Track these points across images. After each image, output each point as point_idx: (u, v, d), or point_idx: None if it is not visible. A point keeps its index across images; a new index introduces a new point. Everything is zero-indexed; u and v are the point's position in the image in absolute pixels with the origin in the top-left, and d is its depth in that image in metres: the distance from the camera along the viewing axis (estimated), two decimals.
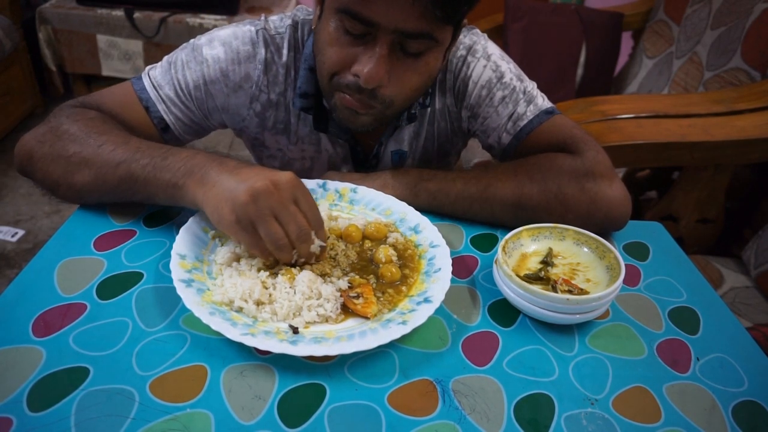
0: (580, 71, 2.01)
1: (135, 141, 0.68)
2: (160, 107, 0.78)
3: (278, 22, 0.82)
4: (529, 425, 0.52)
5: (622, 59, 2.05)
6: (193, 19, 2.43)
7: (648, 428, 0.53)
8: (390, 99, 0.71)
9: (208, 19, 2.45)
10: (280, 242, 0.59)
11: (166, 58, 0.80)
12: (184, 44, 0.81)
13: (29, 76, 2.53)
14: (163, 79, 0.78)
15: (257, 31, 0.80)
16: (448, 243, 0.69)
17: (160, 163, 0.64)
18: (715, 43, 1.59)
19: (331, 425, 0.50)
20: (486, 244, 0.76)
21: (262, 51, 0.80)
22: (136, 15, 2.43)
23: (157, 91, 0.78)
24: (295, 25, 0.82)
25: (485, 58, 0.83)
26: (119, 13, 2.44)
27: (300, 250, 0.61)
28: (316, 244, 0.62)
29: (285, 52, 0.81)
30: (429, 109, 0.87)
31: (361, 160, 0.90)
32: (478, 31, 0.86)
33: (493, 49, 0.85)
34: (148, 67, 0.80)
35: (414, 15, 0.63)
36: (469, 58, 0.83)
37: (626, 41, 2.03)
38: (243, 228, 0.58)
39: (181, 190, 0.63)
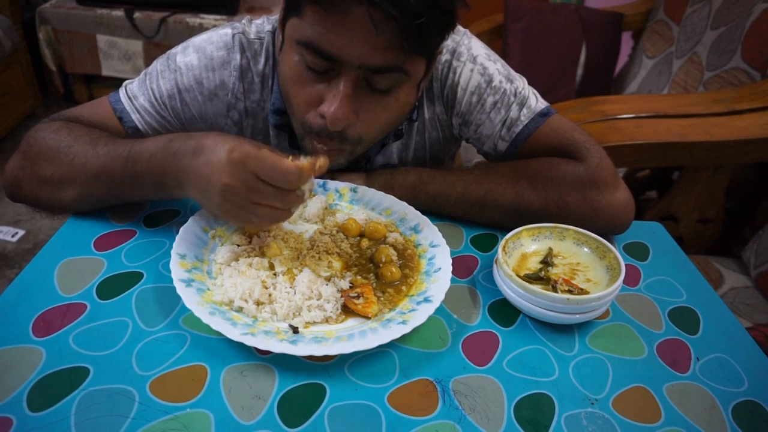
0: (580, 71, 2.01)
1: (101, 143, 0.67)
2: (134, 116, 0.76)
3: (260, 26, 0.78)
4: (529, 425, 0.52)
5: (622, 59, 2.05)
6: (193, 19, 2.43)
7: (648, 428, 0.53)
8: (358, 137, 0.69)
9: (208, 19, 2.45)
10: (277, 217, 0.60)
11: (143, 71, 0.79)
12: (160, 56, 0.79)
13: (29, 76, 2.53)
14: (138, 90, 0.77)
15: (234, 36, 0.76)
16: (448, 243, 0.69)
17: (131, 168, 0.64)
18: (715, 43, 1.59)
19: (331, 425, 0.50)
20: (486, 244, 0.76)
21: (237, 57, 0.76)
22: (136, 15, 2.43)
23: (132, 102, 0.76)
24: (274, 32, 0.78)
25: (471, 61, 0.79)
26: (119, 13, 2.44)
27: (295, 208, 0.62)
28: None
29: (262, 59, 0.77)
30: (417, 122, 0.84)
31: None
32: (460, 27, 0.80)
33: (478, 49, 0.80)
34: (125, 82, 0.79)
35: (379, 48, 0.59)
36: (455, 63, 0.79)
37: (626, 41, 2.03)
38: (241, 220, 0.61)
39: (167, 193, 0.65)
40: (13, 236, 1.95)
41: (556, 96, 1.87)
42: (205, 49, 0.76)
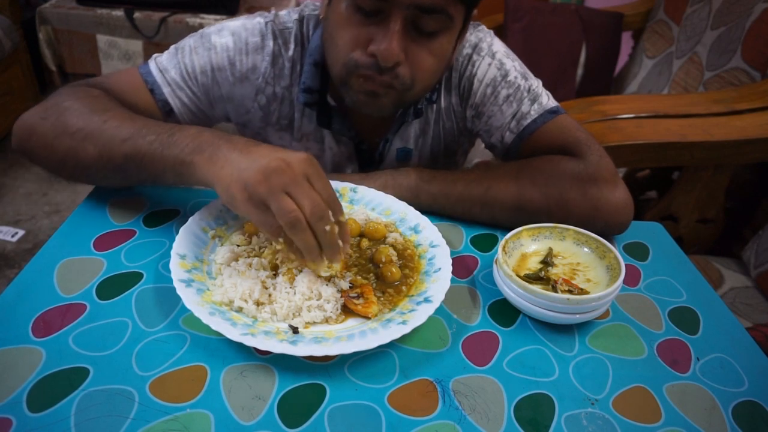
0: (580, 71, 2.01)
1: (140, 118, 0.67)
2: (165, 90, 0.78)
3: (286, 16, 0.83)
4: (529, 425, 0.52)
5: (622, 59, 2.05)
6: (193, 19, 2.43)
7: (648, 428, 0.53)
8: (409, 81, 0.71)
9: (208, 19, 2.45)
10: (291, 215, 0.54)
11: (173, 45, 0.81)
12: (192, 33, 0.81)
13: (29, 76, 2.53)
14: (169, 63, 0.79)
15: (266, 23, 0.81)
16: (448, 243, 0.69)
17: (166, 140, 0.63)
18: (715, 43, 1.59)
19: (331, 425, 0.50)
20: (486, 244, 0.76)
21: (270, 43, 0.81)
22: (136, 15, 2.43)
23: (163, 75, 0.78)
24: (301, 20, 0.83)
25: (490, 56, 0.83)
26: (119, 13, 2.44)
27: (316, 228, 0.56)
28: (334, 224, 0.58)
29: (292, 46, 0.82)
30: (435, 106, 0.87)
31: (366, 159, 0.90)
32: (484, 27, 0.86)
33: (498, 47, 0.85)
34: (154, 55, 0.81)
35: None
36: (474, 57, 0.83)
37: (626, 41, 2.03)
38: (255, 206, 0.55)
39: (190, 168, 0.61)
40: (13, 236, 1.95)
41: (557, 96, 1.84)
42: (240, 34, 0.80)
